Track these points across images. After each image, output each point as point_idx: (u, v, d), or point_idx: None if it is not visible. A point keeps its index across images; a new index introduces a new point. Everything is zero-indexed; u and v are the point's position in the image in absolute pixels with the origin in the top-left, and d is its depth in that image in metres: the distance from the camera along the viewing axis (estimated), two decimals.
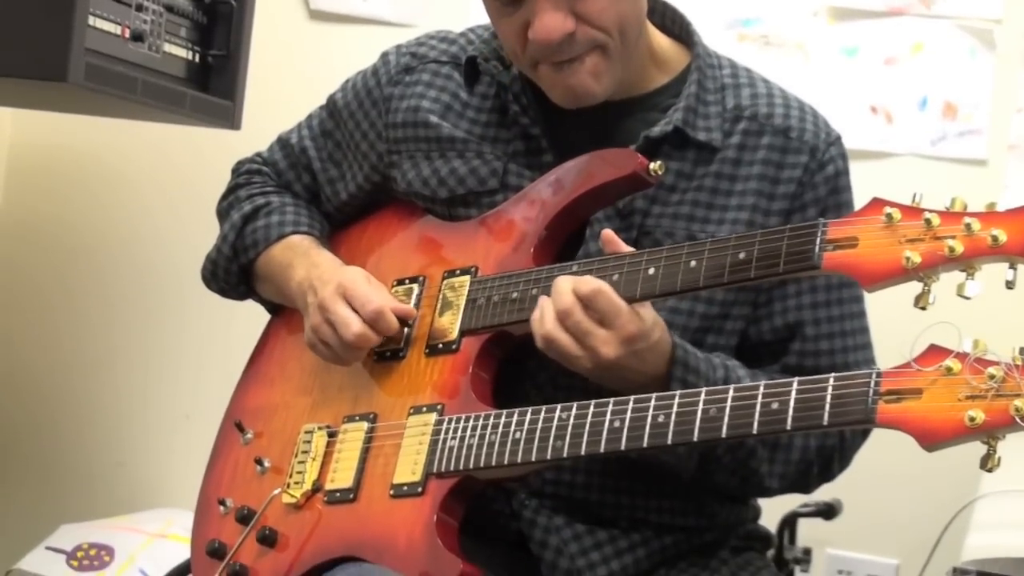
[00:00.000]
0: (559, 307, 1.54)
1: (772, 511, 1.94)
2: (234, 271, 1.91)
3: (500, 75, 1.79)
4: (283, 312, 1.92)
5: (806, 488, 1.78)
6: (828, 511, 2.32)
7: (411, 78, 1.86)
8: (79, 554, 2.50)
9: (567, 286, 1.54)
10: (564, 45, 1.65)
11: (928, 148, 2.56)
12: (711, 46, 1.83)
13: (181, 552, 2.42)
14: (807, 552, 2.36)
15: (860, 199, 1.71)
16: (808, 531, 2.35)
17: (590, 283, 1.53)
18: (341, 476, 1.70)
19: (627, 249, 1.59)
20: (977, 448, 1.34)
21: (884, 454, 1.83)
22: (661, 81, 1.79)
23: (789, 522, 2.31)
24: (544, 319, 1.55)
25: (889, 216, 1.43)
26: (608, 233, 1.61)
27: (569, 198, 1.69)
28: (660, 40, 1.80)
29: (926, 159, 2.56)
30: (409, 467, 1.64)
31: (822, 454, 1.71)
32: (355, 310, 1.69)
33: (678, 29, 1.82)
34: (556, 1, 1.63)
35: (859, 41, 2.59)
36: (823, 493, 2.08)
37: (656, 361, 1.57)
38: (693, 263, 1.55)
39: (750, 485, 1.70)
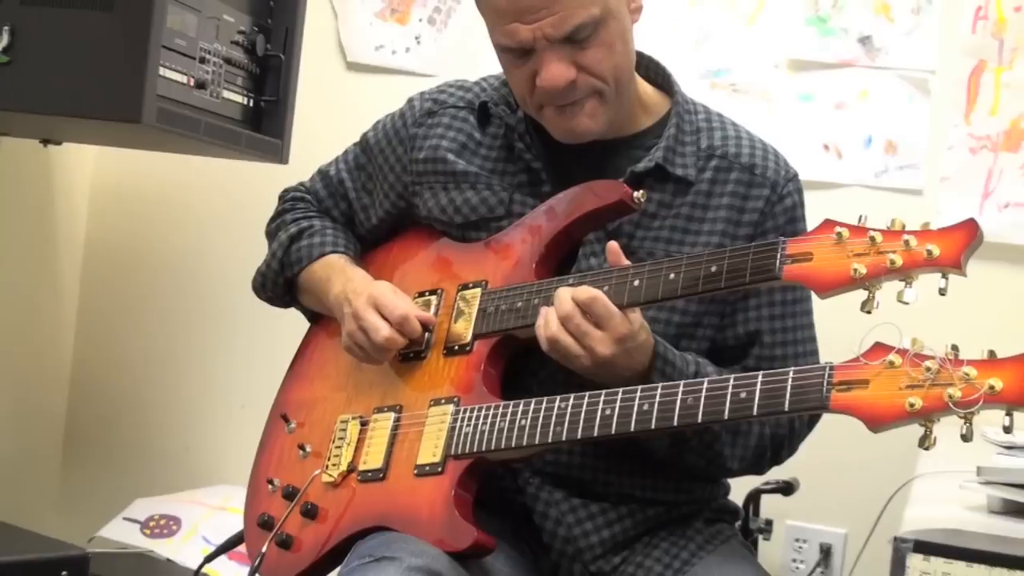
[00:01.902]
0: (561, 312, 1.54)
1: (739, 488, 1.94)
2: (280, 283, 1.92)
3: (508, 118, 1.79)
4: (321, 320, 1.92)
5: (760, 470, 1.77)
6: (787, 488, 2.31)
7: (432, 120, 1.86)
8: (151, 524, 2.50)
9: (567, 294, 1.55)
10: (567, 91, 1.66)
11: (872, 180, 2.56)
12: (688, 93, 1.83)
13: (238, 523, 2.41)
14: (769, 523, 2.35)
15: (814, 222, 1.71)
16: (770, 505, 2.34)
17: (587, 291, 1.54)
18: (372, 458, 1.70)
19: (626, 261, 1.60)
20: (913, 436, 1.34)
21: (835, 440, 1.83)
22: (646, 124, 1.79)
23: (754, 497, 2.30)
24: (548, 324, 1.56)
25: (839, 234, 1.43)
26: (613, 245, 1.61)
27: (564, 223, 1.70)
28: (645, 88, 1.81)
29: (871, 189, 2.55)
30: (430, 450, 1.64)
31: (775, 441, 1.71)
32: (384, 317, 1.70)
33: (660, 79, 1.83)
34: (560, 54, 1.64)
35: (814, 89, 2.59)
36: (783, 473, 2.08)
37: (641, 358, 1.58)
38: (672, 275, 1.55)
39: (715, 466, 1.70)
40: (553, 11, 1.62)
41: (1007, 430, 1.29)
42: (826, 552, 2.54)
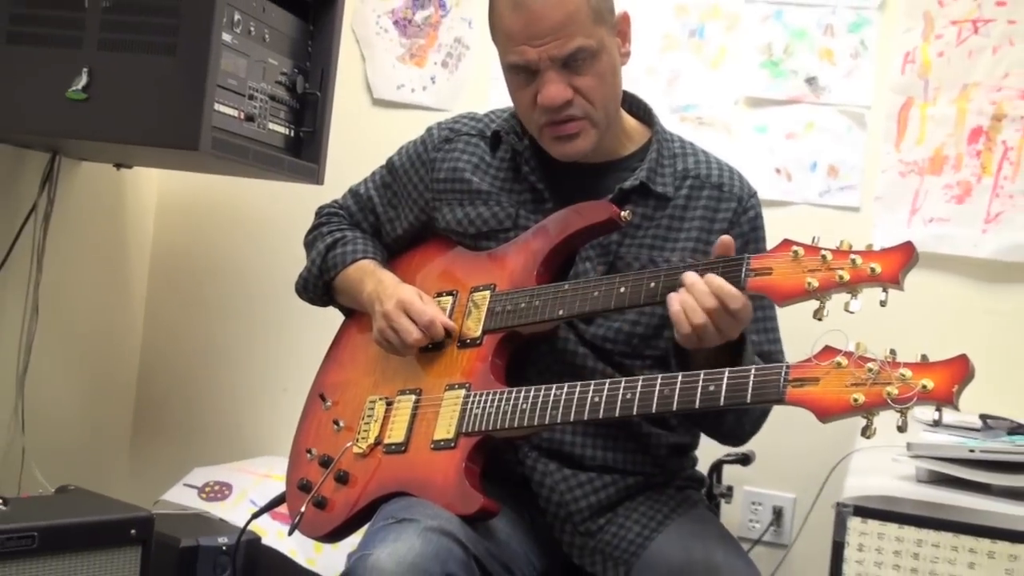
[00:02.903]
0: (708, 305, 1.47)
1: (704, 459, 1.93)
2: (320, 286, 1.91)
3: (516, 144, 1.79)
4: (354, 315, 1.92)
5: (748, 437, 1.77)
6: (745, 459, 2.30)
7: (449, 146, 1.85)
8: (207, 489, 2.49)
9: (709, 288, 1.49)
10: (563, 108, 1.65)
11: (817, 199, 2.55)
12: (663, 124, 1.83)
13: (281, 488, 2.41)
14: (730, 489, 2.33)
15: (770, 237, 1.71)
16: (730, 474, 2.33)
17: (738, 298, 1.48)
18: (396, 434, 1.69)
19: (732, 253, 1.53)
20: (852, 418, 1.34)
21: (786, 419, 1.81)
22: (630, 150, 1.79)
23: (716, 468, 2.29)
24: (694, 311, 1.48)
25: (795, 252, 1.43)
26: (726, 238, 1.54)
27: (561, 236, 1.70)
28: (630, 120, 1.81)
29: (816, 207, 2.55)
30: (445, 428, 1.63)
31: (763, 413, 1.73)
32: (413, 320, 1.69)
33: (642, 113, 1.83)
34: (560, 75, 1.64)
35: (767, 121, 2.58)
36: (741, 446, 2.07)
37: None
38: (652, 284, 1.55)
39: (740, 426, 1.72)
40: (557, 36, 1.63)
41: (937, 423, 1.29)
42: (778, 514, 2.54)
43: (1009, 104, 2.44)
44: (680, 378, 1.45)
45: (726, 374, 1.41)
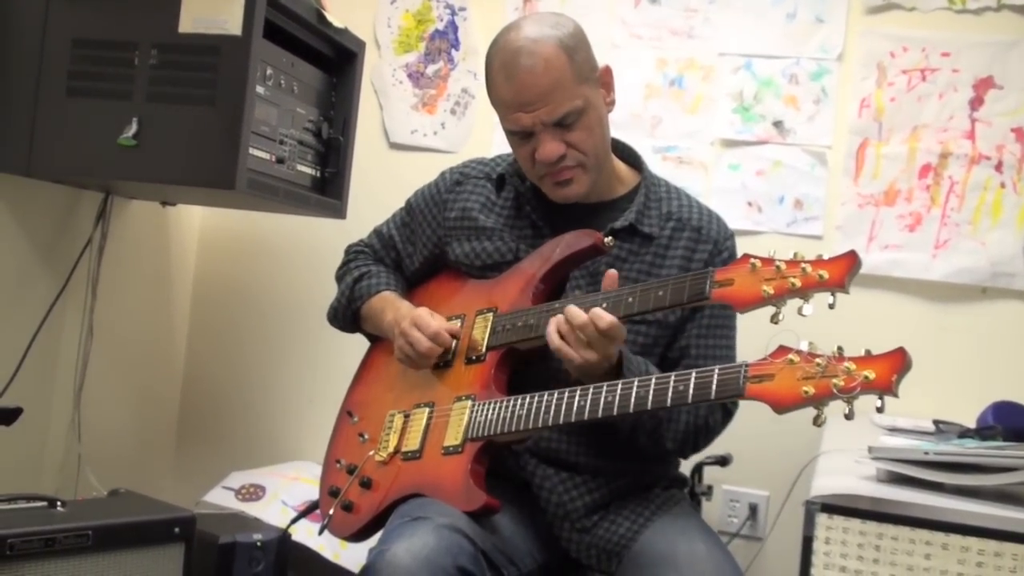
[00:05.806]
0: (578, 322, 1.51)
1: (687, 462, 1.92)
2: (348, 315, 1.92)
3: (519, 186, 1.80)
4: (378, 342, 1.93)
5: (684, 453, 1.74)
6: (723, 461, 2.30)
7: (460, 188, 1.86)
8: (243, 491, 2.48)
9: (579, 310, 1.52)
10: (559, 162, 1.67)
11: (784, 228, 2.55)
12: (646, 165, 1.83)
13: (308, 490, 2.41)
14: (710, 488, 2.32)
15: None
16: (710, 474, 2.32)
17: (607, 317, 1.50)
18: (411, 442, 1.69)
19: (617, 285, 1.57)
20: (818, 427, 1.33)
21: (760, 425, 1.82)
22: (621, 192, 1.79)
23: (698, 469, 2.28)
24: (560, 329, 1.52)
25: (753, 265, 1.42)
26: (612, 272, 1.58)
27: (553, 263, 1.70)
28: (620, 165, 1.82)
29: (784, 235, 2.55)
30: (454, 435, 1.63)
31: (696, 430, 1.68)
32: (422, 331, 1.70)
33: (632, 159, 1.84)
34: (553, 134, 1.66)
35: (740, 160, 2.59)
36: (720, 449, 2.05)
37: (612, 357, 1.55)
38: (631, 299, 1.54)
39: (657, 445, 1.68)
40: (547, 103, 1.63)
41: (879, 410, 1.28)
42: (753, 510, 2.53)
43: (954, 143, 2.44)
44: (654, 380, 1.44)
45: (693, 375, 1.41)
